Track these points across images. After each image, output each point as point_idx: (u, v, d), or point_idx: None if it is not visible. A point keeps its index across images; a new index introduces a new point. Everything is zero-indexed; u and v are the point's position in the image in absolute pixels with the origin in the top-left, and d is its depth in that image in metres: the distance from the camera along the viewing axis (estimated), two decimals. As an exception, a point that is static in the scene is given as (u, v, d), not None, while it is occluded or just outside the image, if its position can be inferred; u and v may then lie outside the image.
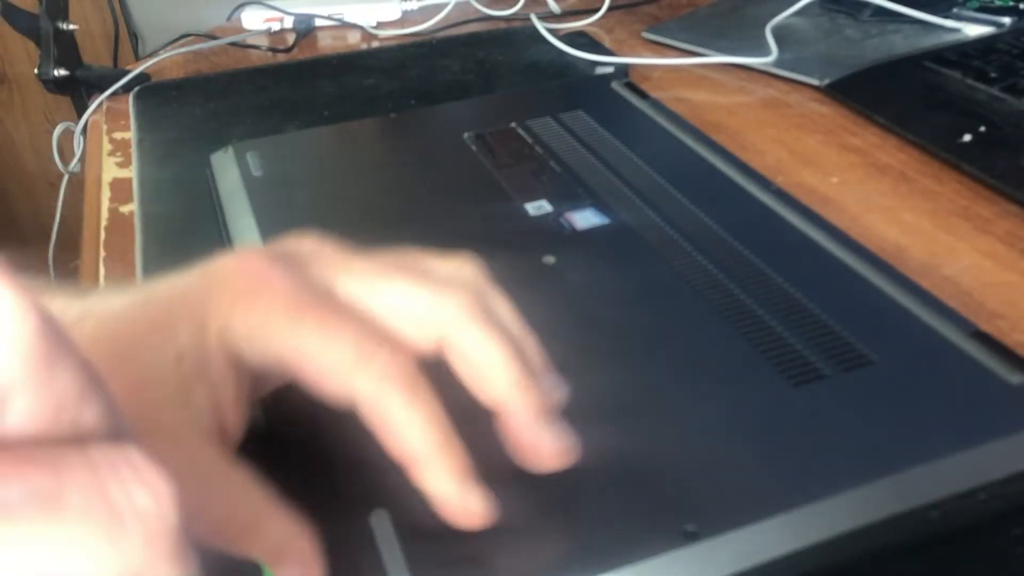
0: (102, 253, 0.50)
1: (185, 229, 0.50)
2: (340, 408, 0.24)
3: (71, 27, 0.70)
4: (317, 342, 0.24)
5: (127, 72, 0.71)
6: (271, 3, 0.80)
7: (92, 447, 0.13)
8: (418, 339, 0.27)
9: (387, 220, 0.45)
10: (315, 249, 0.28)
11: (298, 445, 0.27)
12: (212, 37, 0.80)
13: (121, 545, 0.13)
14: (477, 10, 0.81)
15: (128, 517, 0.13)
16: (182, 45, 0.79)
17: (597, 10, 0.77)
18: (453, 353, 0.27)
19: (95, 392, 0.14)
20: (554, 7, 0.80)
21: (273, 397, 0.28)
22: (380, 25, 0.80)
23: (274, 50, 0.77)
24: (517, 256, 0.41)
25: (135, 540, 0.13)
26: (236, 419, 0.26)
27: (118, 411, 0.15)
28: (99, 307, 0.26)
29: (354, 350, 0.24)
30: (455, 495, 0.25)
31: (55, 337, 0.14)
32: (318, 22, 0.80)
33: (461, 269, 0.29)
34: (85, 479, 0.13)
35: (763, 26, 0.68)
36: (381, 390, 0.24)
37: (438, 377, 0.26)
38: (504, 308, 0.29)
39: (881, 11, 0.69)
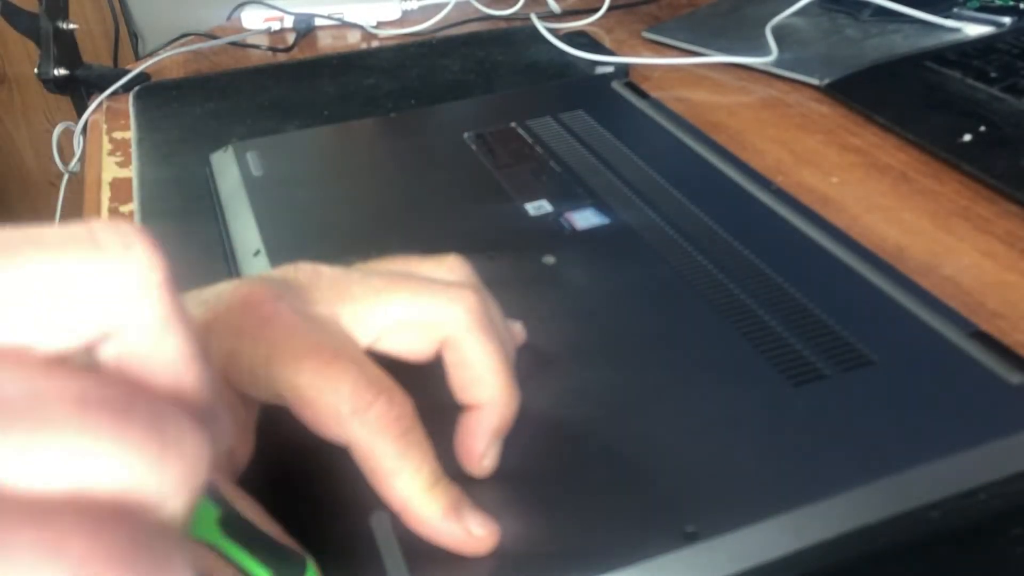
0: (102, 253, 0.50)
1: (185, 229, 0.50)
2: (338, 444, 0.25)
3: (71, 27, 0.70)
4: (316, 387, 0.24)
5: (127, 72, 0.71)
6: (271, 3, 0.80)
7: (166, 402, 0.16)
8: (418, 348, 0.28)
9: (387, 220, 0.45)
10: (313, 277, 0.28)
11: (299, 446, 0.27)
12: (212, 37, 0.80)
13: (159, 469, 0.15)
14: (477, 10, 0.81)
15: (172, 451, 0.15)
16: (182, 45, 0.79)
17: (597, 10, 0.77)
18: (451, 354, 0.28)
19: (197, 366, 0.17)
20: (554, 7, 0.80)
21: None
22: (380, 25, 0.80)
23: (274, 50, 0.77)
24: (517, 256, 0.41)
25: (171, 471, 0.15)
26: (244, 447, 0.26)
27: (214, 391, 0.17)
28: None
29: (351, 398, 0.24)
30: (453, 529, 0.25)
31: (175, 303, 0.16)
32: (318, 22, 0.80)
33: (455, 271, 0.30)
34: (149, 414, 0.15)
35: (763, 26, 0.68)
36: (374, 439, 0.24)
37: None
38: (494, 308, 0.29)
39: (881, 11, 0.69)
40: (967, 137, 0.51)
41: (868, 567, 0.28)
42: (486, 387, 0.27)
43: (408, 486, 0.25)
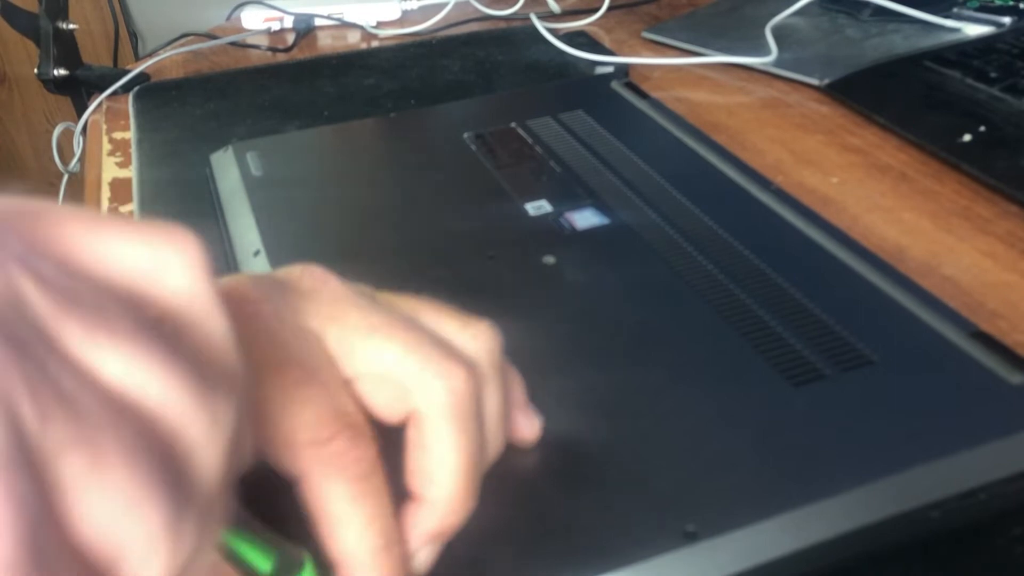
0: (102, 253, 0.50)
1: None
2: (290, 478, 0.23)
3: (71, 27, 0.70)
4: (277, 405, 0.22)
5: (127, 72, 0.71)
6: (271, 3, 0.80)
7: None
8: (389, 408, 0.24)
9: (387, 220, 0.45)
10: (317, 287, 0.25)
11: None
12: (212, 37, 0.80)
13: (196, 406, 0.16)
14: (477, 10, 0.81)
15: (208, 398, 0.17)
16: (182, 45, 0.79)
17: (597, 10, 0.77)
18: (414, 432, 0.24)
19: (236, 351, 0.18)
20: (554, 7, 0.80)
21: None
22: (380, 25, 0.80)
23: (274, 50, 0.77)
24: (517, 256, 0.41)
25: (205, 414, 0.16)
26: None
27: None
28: None
29: (311, 426, 0.22)
30: None
31: (218, 292, 0.18)
32: (318, 22, 0.80)
33: (473, 341, 0.26)
34: (193, 362, 0.17)
35: (763, 26, 0.68)
36: (328, 477, 0.22)
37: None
38: (494, 400, 0.26)
39: (881, 11, 0.69)
40: (967, 137, 0.51)
41: (868, 567, 0.28)
42: (435, 485, 0.24)
43: (354, 540, 0.22)
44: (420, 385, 0.24)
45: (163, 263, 0.17)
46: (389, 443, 0.24)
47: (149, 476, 0.15)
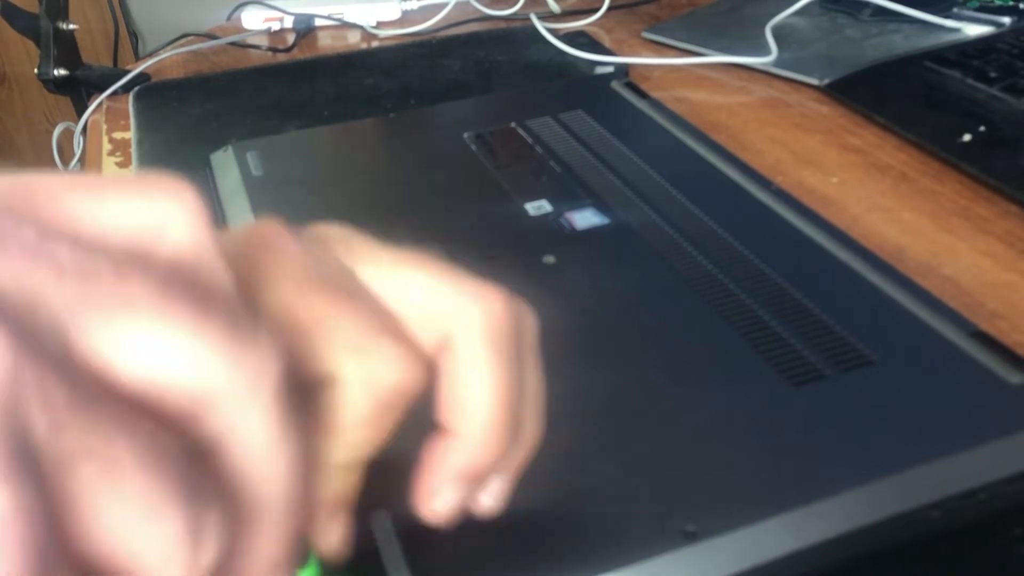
0: (102, 253, 0.50)
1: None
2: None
3: (71, 27, 0.70)
4: (317, 314, 0.20)
5: (127, 72, 0.71)
6: (271, 3, 0.80)
7: None
8: (422, 338, 0.22)
9: (387, 220, 0.45)
10: (344, 234, 0.25)
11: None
12: (212, 37, 0.80)
13: (232, 365, 0.16)
14: (477, 10, 0.81)
15: (246, 349, 0.16)
16: (182, 45, 0.79)
17: (597, 10, 0.77)
18: (446, 359, 0.22)
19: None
20: (554, 7, 0.80)
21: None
22: (380, 25, 0.80)
23: (274, 50, 0.77)
24: (517, 256, 0.41)
25: (244, 370, 0.16)
26: None
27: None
28: None
29: (357, 331, 0.20)
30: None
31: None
32: (318, 22, 0.80)
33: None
34: (226, 310, 0.16)
35: (763, 26, 0.68)
36: (366, 390, 0.20)
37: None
38: (531, 348, 0.24)
39: (881, 11, 0.69)
40: (967, 137, 0.51)
41: (868, 567, 0.28)
42: (467, 416, 0.22)
43: (344, 448, 0.20)
44: (454, 308, 0.22)
45: (164, 217, 0.17)
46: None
47: (167, 482, 0.14)
